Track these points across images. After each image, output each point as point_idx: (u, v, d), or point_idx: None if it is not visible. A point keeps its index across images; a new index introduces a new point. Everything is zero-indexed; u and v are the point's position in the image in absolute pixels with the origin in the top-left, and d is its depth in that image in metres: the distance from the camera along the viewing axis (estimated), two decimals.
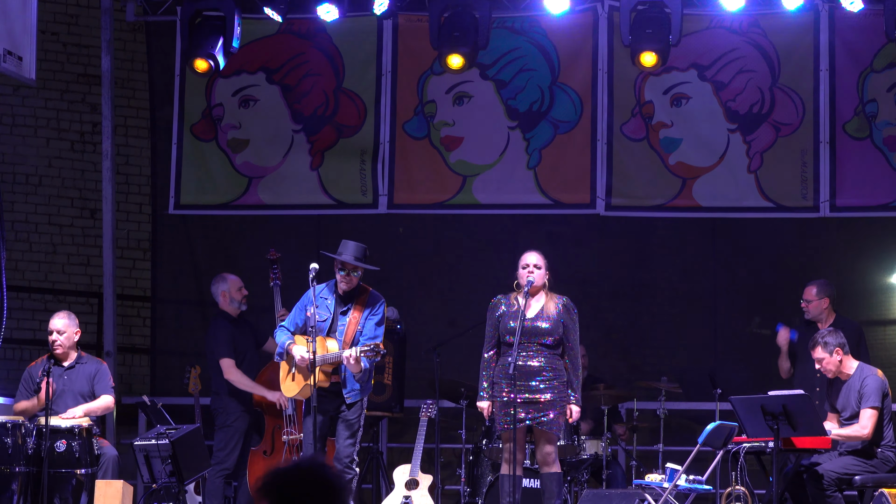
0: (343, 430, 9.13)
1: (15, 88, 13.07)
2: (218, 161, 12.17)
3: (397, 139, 12.01)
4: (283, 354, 9.29)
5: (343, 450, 9.09)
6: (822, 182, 11.52)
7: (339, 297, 9.28)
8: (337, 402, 9.20)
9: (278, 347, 9.33)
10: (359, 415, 9.20)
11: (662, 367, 11.98)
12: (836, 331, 9.57)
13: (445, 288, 12.97)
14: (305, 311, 9.25)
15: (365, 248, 9.31)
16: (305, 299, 9.30)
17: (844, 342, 9.50)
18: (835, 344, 9.45)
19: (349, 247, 9.27)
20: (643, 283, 12.99)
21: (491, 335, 9.28)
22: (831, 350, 9.46)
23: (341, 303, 9.27)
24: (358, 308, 9.24)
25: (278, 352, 9.33)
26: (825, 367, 9.50)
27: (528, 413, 9.11)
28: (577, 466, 10.39)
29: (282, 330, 9.36)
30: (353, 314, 9.21)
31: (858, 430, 9.35)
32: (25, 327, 12.97)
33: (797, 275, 11.64)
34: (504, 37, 11.84)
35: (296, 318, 9.33)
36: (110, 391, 10.09)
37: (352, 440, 9.13)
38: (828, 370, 9.52)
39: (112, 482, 9.51)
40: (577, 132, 11.84)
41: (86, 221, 13.37)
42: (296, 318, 9.33)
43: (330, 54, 12.11)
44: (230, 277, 10.64)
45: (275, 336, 9.46)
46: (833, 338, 9.48)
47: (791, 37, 11.66)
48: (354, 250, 9.25)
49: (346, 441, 9.12)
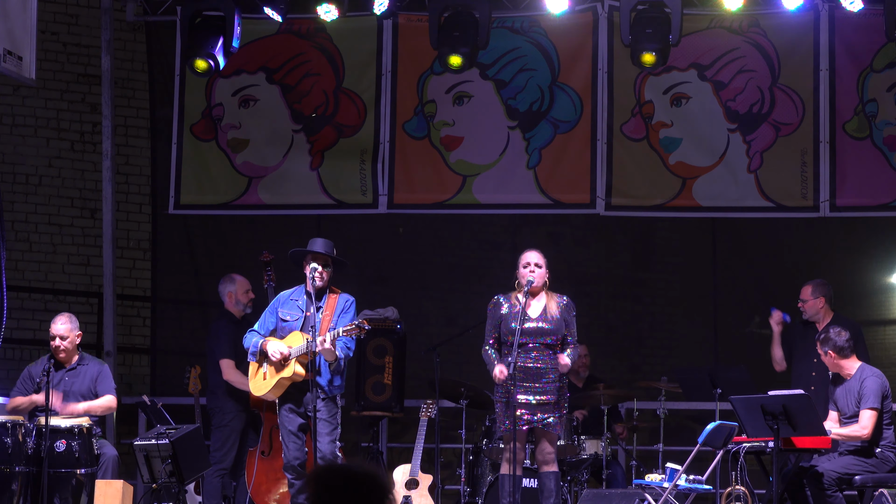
0: (323, 428, 9.06)
1: (15, 88, 13.07)
2: (218, 161, 12.17)
3: (397, 139, 12.01)
4: (255, 354, 9.29)
5: (326, 447, 9.04)
6: (822, 182, 11.52)
7: (310, 295, 9.24)
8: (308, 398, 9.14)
9: (251, 348, 9.31)
10: (335, 413, 9.18)
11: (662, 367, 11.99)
12: (843, 332, 9.58)
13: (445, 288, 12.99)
14: (277, 314, 9.32)
15: (333, 244, 9.32)
16: (276, 302, 9.38)
17: (844, 346, 9.50)
18: (829, 347, 9.52)
19: (318, 242, 9.30)
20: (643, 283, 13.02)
21: (490, 332, 9.26)
22: (825, 350, 9.53)
23: (313, 301, 9.23)
24: (329, 306, 9.23)
25: (251, 352, 9.31)
26: (824, 361, 9.59)
27: (531, 414, 9.10)
28: (577, 466, 10.38)
29: (252, 333, 9.37)
30: (325, 312, 9.20)
31: (858, 430, 9.36)
32: (25, 327, 12.97)
33: (797, 275, 11.64)
34: (504, 37, 11.84)
35: (266, 322, 9.36)
36: (113, 392, 10.09)
37: (331, 437, 9.11)
38: (829, 366, 9.61)
39: (112, 482, 9.51)
40: (577, 132, 11.84)
41: (86, 221, 13.37)
42: (266, 321, 9.37)
43: (330, 54, 12.11)
44: (238, 279, 10.62)
45: (245, 339, 9.42)
46: (832, 338, 9.50)
47: (791, 37, 11.66)
48: (324, 245, 9.27)
49: (327, 438, 9.07)
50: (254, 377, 9.36)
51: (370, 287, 12.66)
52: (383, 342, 11.04)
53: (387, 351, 11.08)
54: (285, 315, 9.28)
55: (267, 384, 9.23)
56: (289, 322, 9.26)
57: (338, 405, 9.26)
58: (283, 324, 9.28)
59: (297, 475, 9.13)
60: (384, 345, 11.09)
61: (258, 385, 9.31)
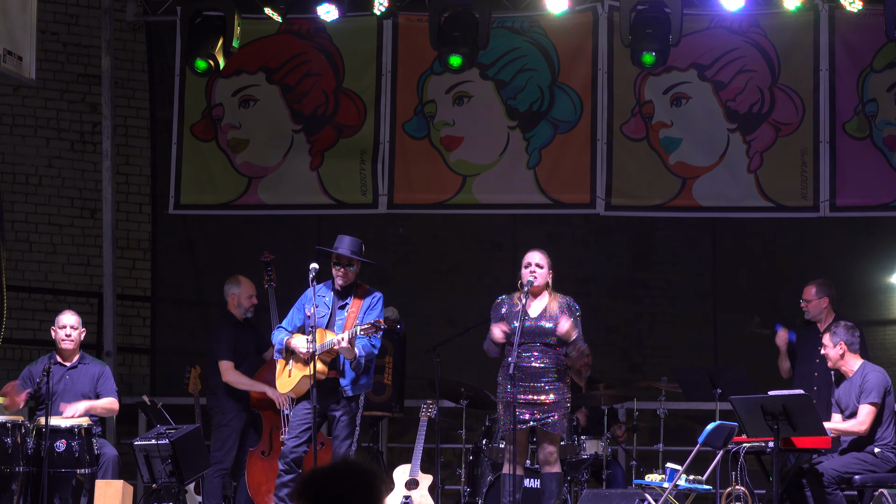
0: (341, 430, 9.10)
1: (15, 88, 13.07)
2: (218, 161, 12.17)
3: (397, 139, 12.01)
4: (281, 351, 9.27)
5: (342, 450, 9.07)
6: (822, 182, 11.52)
7: (337, 293, 9.28)
8: (331, 399, 9.15)
9: (277, 345, 9.31)
10: (355, 413, 9.18)
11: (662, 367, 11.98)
12: (854, 328, 9.57)
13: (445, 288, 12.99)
14: (304, 310, 9.25)
15: (361, 242, 9.33)
16: (304, 299, 9.30)
17: (854, 341, 9.50)
18: (842, 338, 9.47)
19: (345, 241, 9.28)
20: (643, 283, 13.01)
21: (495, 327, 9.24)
22: (836, 342, 9.48)
23: (339, 298, 9.27)
24: (356, 303, 9.24)
25: (277, 349, 9.31)
26: (826, 355, 9.54)
27: (532, 414, 9.10)
28: (577, 466, 10.38)
29: (279, 330, 9.36)
30: (351, 309, 9.21)
31: (856, 425, 9.35)
32: (25, 327, 12.97)
33: (797, 275, 11.63)
34: (504, 37, 11.84)
35: (294, 319, 9.32)
36: (115, 394, 10.09)
37: (349, 440, 9.11)
38: (828, 358, 9.54)
39: (112, 482, 9.51)
40: (577, 132, 11.84)
41: (86, 221, 13.37)
42: (294, 318, 9.32)
43: (330, 54, 12.11)
44: (244, 282, 10.59)
45: (272, 337, 9.45)
46: (844, 332, 9.49)
47: (791, 37, 11.66)
48: (350, 244, 9.26)
49: (344, 441, 9.09)
50: (280, 374, 9.34)
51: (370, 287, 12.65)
52: (383, 342, 11.03)
53: (387, 351, 11.08)
54: (311, 312, 9.15)
55: (291, 381, 9.20)
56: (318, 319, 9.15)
57: (360, 405, 9.25)
58: (308, 321, 9.21)
59: (288, 469, 9.10)
60: (384, 345, 11.06)
61: (283, 382, 9.29)
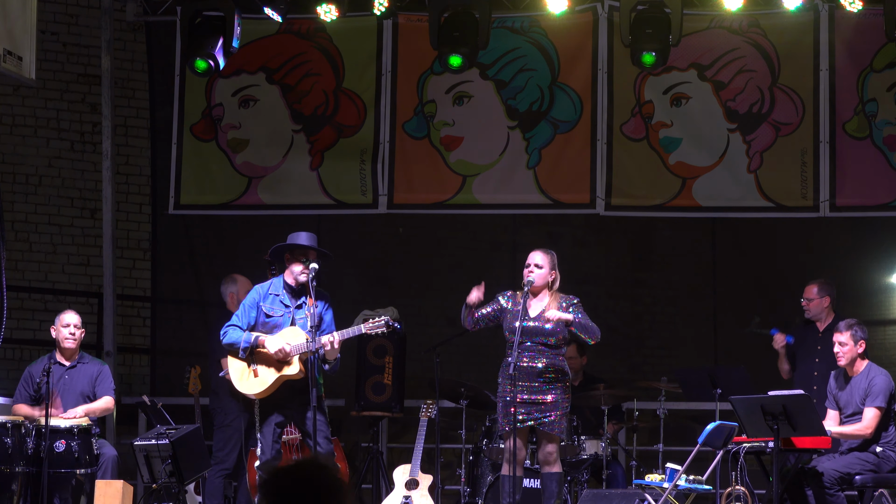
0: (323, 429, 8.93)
1: (15, 88, 13.07)
2: (218, 161, 12.17)
3: (397, 139, 12.01)
4: (247, 349, 8.93)
5: (326, 446, 8.94)
6: (822, 182, 11.52)
7: (292, 291, 9.10)
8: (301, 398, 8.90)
9: (242, 343, 8.92)
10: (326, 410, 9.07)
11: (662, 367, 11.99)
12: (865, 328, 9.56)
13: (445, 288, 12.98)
14: (257, 308, 9.04)
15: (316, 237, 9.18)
16: (255, 296, 9.09)
17: (865, 339, 9.49)
18: (861, 337, 9.45)
19: (303, 236, 9.08)
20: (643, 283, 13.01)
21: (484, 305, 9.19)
22: (857, 339, 9.43)
23: (294, 298, 9.11)
24: (310, 302, 8.96)
25: (243, 347, 8.92)
26: (843, 353, 9.45)
27: (530, 414, 9.10)
28: (577, 466, 10.38)
29: (234, 328, 9.01)
30: (309, 308, 8.95)
31: (862, 428, 9.33)
32: (25, 327, 12.97)
33: (797, 275, 11.64)
34: (504, 37, 11.84)
35: (248, 317, 9.04)
36: (111, 393, 10.09)
37: (327, 437, 8.99)
38: (843, 356, 9.45)
39: (112, 482, 9.51)
40: (577, 132, 11.84)
41: (86, 221, 13.37)
42: (248, 316, 9.04)
43: (330, 54, 12.11)
44: (241, 280, 10.59)
45: (227, 335, 9.01)
46: (862, 331, 9.47)
47: (791, 37, 11.66)
48: (309, 238, 9.09)
49: (324, 438, 8.95)
50: (242, 376, 9.00)
51: (370, 287, 12.67)
52: (383, 342, 11.04)
53: (387, 351, 11.08)
54: (269, 311, 9.03)
55: (263, 382, 8.93)
56: (273, 318, 9.02)
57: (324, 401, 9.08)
58: (266, 319, 9.02)
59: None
60: (384, 345, 11.09)
61: (251, 384, 8.96)
